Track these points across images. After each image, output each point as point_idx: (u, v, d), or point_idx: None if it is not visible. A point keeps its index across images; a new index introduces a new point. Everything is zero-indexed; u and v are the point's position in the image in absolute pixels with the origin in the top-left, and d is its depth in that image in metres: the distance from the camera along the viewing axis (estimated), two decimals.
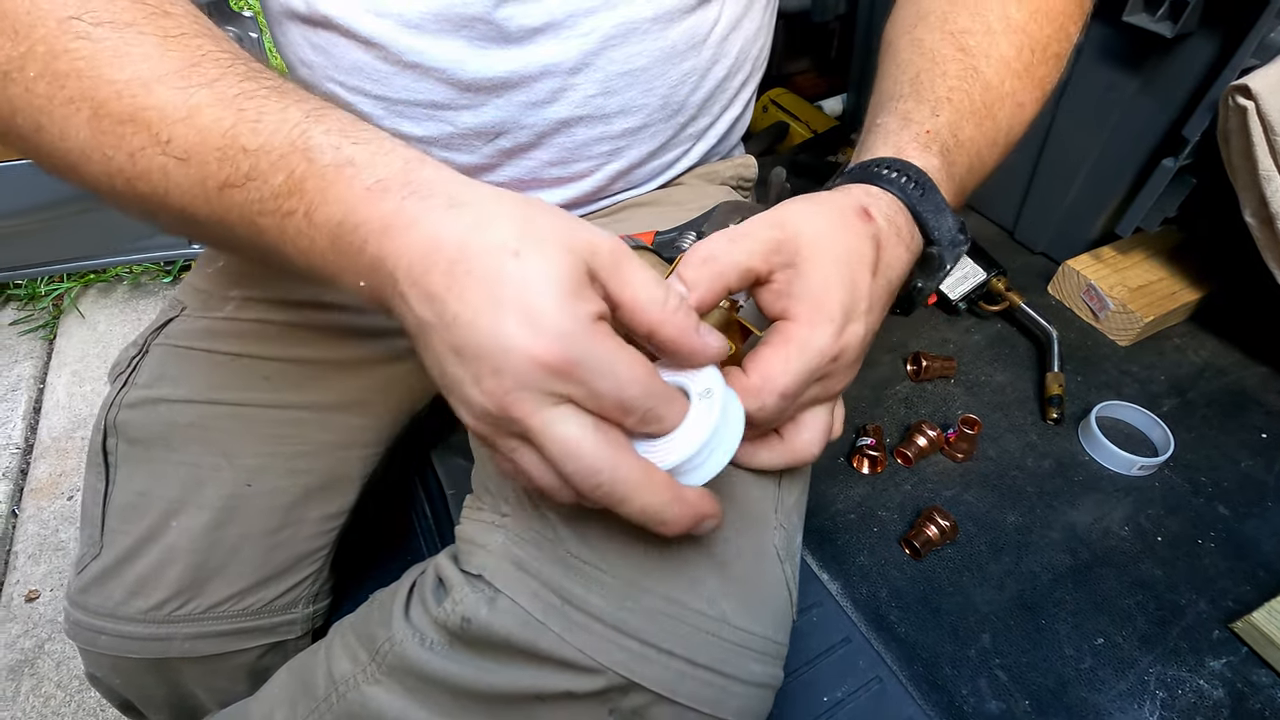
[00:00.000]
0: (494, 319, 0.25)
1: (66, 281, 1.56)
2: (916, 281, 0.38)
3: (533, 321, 0.25)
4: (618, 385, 0.26)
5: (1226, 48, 0.67)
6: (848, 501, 0.66)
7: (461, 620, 0.37)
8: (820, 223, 0.32)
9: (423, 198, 0.27)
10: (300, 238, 0.29)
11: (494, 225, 0.26)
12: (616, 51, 0.45)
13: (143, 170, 0.30)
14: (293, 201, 0.28)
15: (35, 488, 1.23)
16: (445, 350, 0.26)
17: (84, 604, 0.48)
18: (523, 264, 0.25)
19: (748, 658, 0.37)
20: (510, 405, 0.26)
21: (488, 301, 0.25)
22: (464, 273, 0.25)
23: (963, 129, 0.39)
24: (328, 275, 0.29)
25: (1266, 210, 0.65)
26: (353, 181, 0.27)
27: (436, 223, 0.26)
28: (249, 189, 0.29)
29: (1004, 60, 0.40)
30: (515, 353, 0.25)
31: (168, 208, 0.31)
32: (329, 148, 0.28)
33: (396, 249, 0.26)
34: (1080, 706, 0.53)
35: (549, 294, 0.25)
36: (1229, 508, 0.65)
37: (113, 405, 0.51)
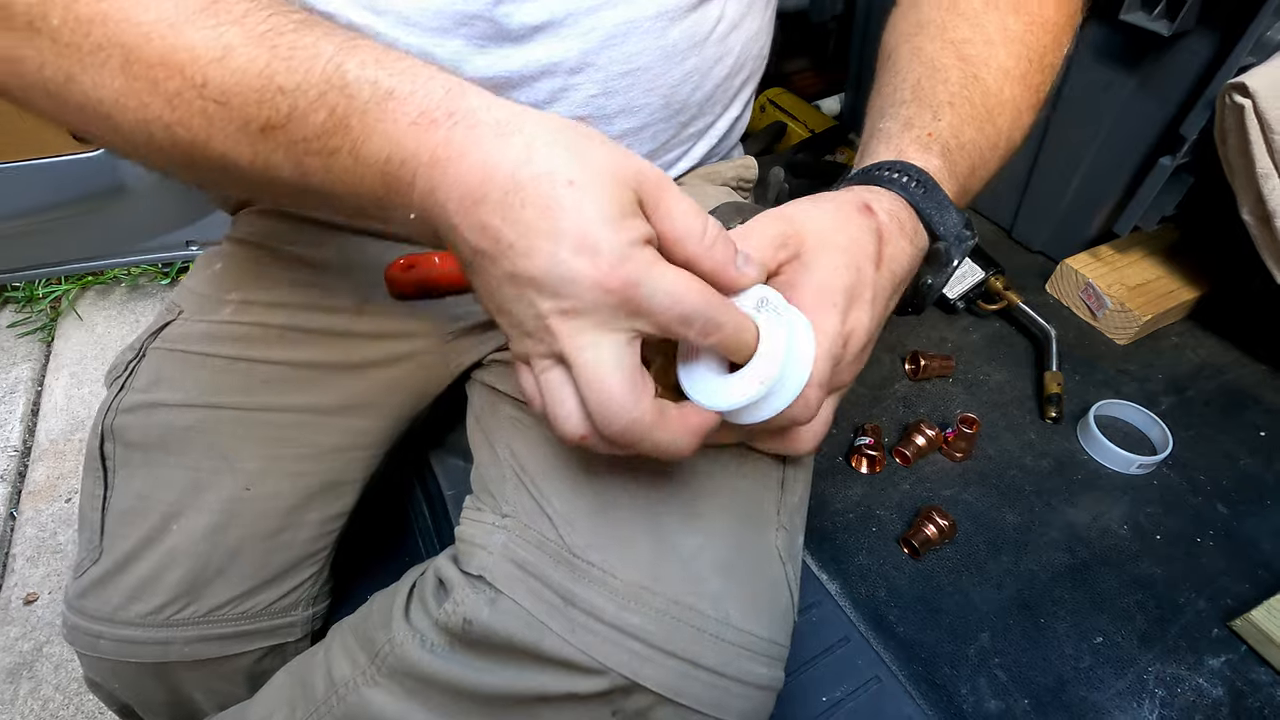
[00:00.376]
0: (552, 248, 0.26)
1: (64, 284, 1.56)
2: (926, 278, 0.38)
3: (590, 248, 0.25)
4: (675, 299, 0.26)
5: (1224, 46, 0.67)
6: (846, 501, 0.66)
7: (463, 621, 0.37)
8: (823, 218, 0.33)
9: (469, 127, 0.27)
10: (348, 175, 0.29)
11: (544, 154, 0.26)
12: (617, 50, 0.45)
13: (182, 116, 0.29)
14: (337, 139, 0.28)
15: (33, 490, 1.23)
16: (501, 277, 0.27)
17: (83, 608, 0.48)
18: (576, 193, 0.26)
19: (750, 660, 0.37)
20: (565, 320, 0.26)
21: (544, 231, 0.26)
22: (518, 204, 0.26)
23: (964, 132, 0.39)
24: (378, 211, 0.30)
25: (1264, 208, 0.65)
26: (396, 116, 0.27)
27: (486, 152, 0.26)
28: (290, 129, 0.28)
29: (1003, 69, 0.41)
30: (577, 280, 0.25)
31: (209, 155, 0.30)
32: (366, 82, 0.28)
33: (447, 181, 0.27)
34: (1079, 705, 0.53)
35: (603, 222, 0.26)
36: (1228, 506, 0.65)
37: (110, 410, 0.50)
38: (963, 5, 0.43)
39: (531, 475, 0.42)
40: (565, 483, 0.40)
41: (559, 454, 0.42)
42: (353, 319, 0.53)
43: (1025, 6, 0.43)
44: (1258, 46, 0.64)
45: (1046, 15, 0.43)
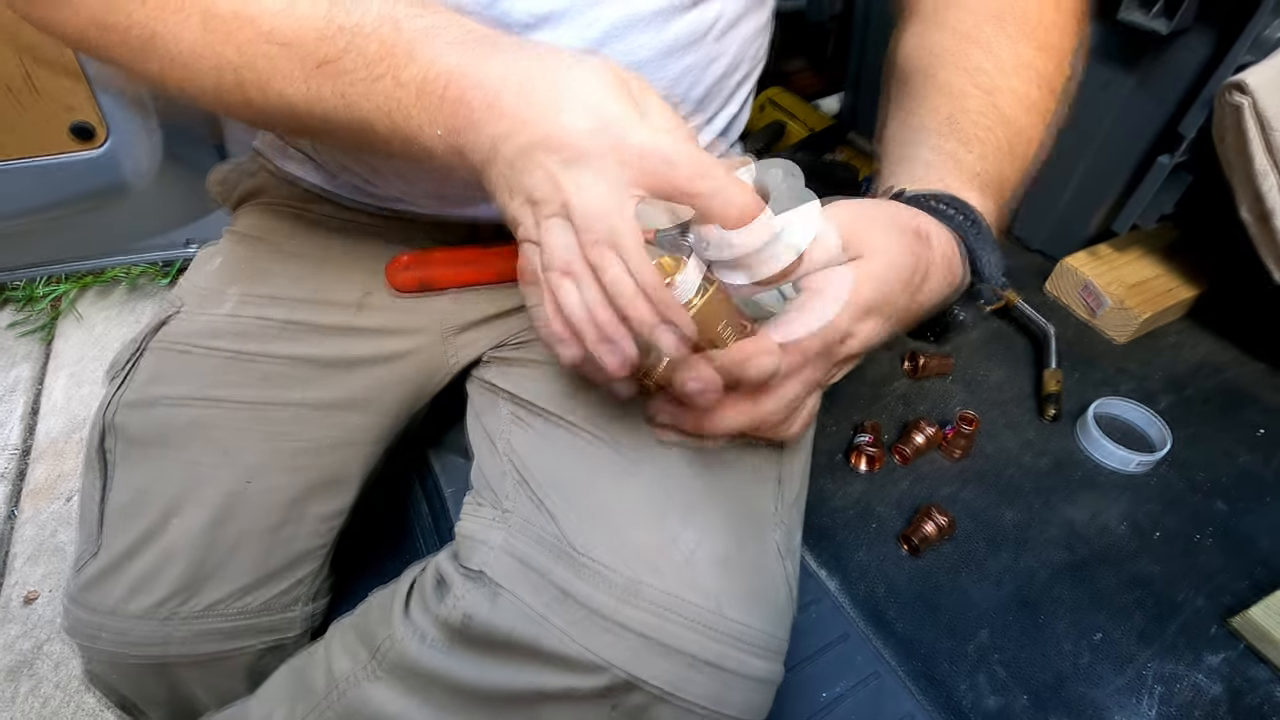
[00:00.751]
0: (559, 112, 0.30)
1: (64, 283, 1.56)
2: (958, 313, 0.39)
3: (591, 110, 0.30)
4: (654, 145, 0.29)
5: (1222, 44, 0.67)
6: (846, 499, 0.66)
7: (463, 617, 0.37)
8: (886, 233, 0.34)
9: (494, 43, 0.32)
10: (388, 100, 0.33)
11: (554, 54, 0.32)
12: (618, 45, 0.45)
13: (249, 59, 0.34)
14: (382, 67, 0.32)
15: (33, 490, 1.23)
16: (515, 152, 0.30)
17: (83, 602, 0.48)
18: (577, 74, 0.31)
19: (749, 654, 0.37)
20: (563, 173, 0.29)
21: (553, 101, 0.30)
22: (531, 88, 0.30)
23: (999, 169, 0.41)
24: (410, 131, 0.33)
25: (1262, 206, 0.65)
26: (434, 39, 0.32)
27: (507, 58, 0.31)
28: (344, 62, 0.33)
29: (1019, 96, 0.43)
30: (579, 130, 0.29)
31: (267, 93, 0.34)
32: (414, 15, 0.32)
33: (473, 83, 0.31)
34: (1078, 702, 0.53)
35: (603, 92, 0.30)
36: (1226, 504, 0.66)
37: (110, 405, 0.51)
38: (974, 33, 0.44)
39: (531, 472, 0.42)
40: (565, 479, 0.40)
41: (559, 450, 0.42)
42: (353, 315, 0.53)
43: (1035, 34, 0.44)
44: (1256, 44, 0.64)
45: (1054, 41, 0.44)
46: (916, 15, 0.49)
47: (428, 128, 0.33)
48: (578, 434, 0.42)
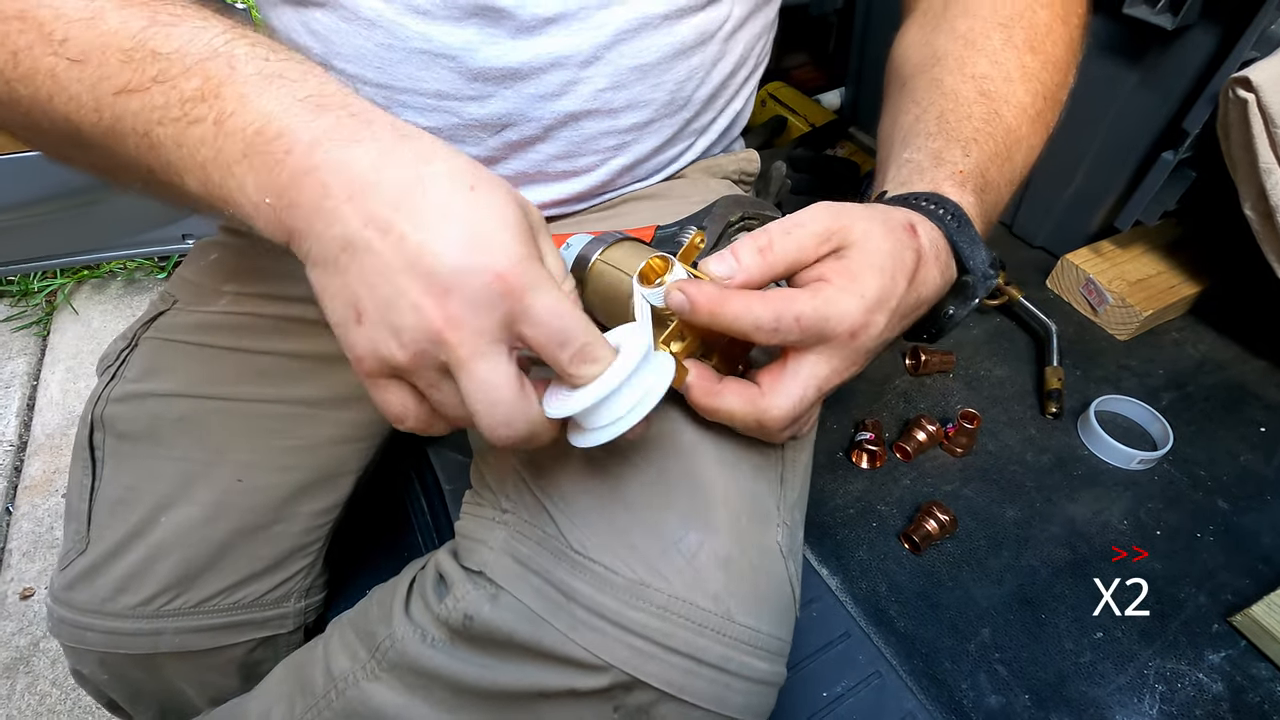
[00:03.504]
0: (450, 242, 0.25)
1: (59, 278, 1.55)
2: (949, 308, 0.39)
3: (490, 248, 0.25)
4: (559, 315, 0.27)
5: (1227, 40, 0.67)
6: (847, 496, 0.66)
7: (464, 617, 0.36)
8: (872, 225, 0.33)
9: (366, 122, 0.27)
10: (203, 147, 0.27)
11: (446, 161, 0.26)
12: (628, 46, 0.45)
13: (26, 72, 0.28)
14: (202, 109, 0.26)
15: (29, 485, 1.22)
16: (380, 272, 0.25)
17: (69, 600, 0.47)
18: (478, 198, 0.26)
19: (752, 655, 0.36)
20: (453, 329, 0.25)
21: (444, 226, 0.25)
22: (419, 196, 0.25)
23: (989, 170, 0.40)
24: (224, 192, 0.27)
25: (1266, 203, 0.64)
26: (282, 92, 0.26)
27: (385, 147, 0.26)
28: (152, 94, 0.27)
29: (1021, 106, 0.42)
30: (473, 271, 0.25)
31: (50, 116, 0.28)
32: (256, 59, 0.27)
33: (334, 163, 0.25)
34: (1080, 700, 0.53)
35: (505, 228, 0.26)
36: (1228, 501, 0.65)
37: (100, 399, 0.50)
38: (981, 41, 0.44)
39: (531, 471, 0.42)
40: (566, 479, 0.40)
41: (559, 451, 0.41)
42: None
43: (1040, 46, 0.44)
44: (1261, 40, 0.63)
45: (1058, 54, 0.44)
46: (922, 16, 0.49)
47: (250, 191, 0.26)
48: None
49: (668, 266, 0.33)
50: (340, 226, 0.25)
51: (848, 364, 0.33)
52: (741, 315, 0.31)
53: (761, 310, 0.31)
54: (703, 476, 0.39)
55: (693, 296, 0.31)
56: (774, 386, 0.33)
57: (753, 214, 0.46)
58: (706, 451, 0.40)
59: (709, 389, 0.34)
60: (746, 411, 0.34)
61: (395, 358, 0.26)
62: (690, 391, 0.34)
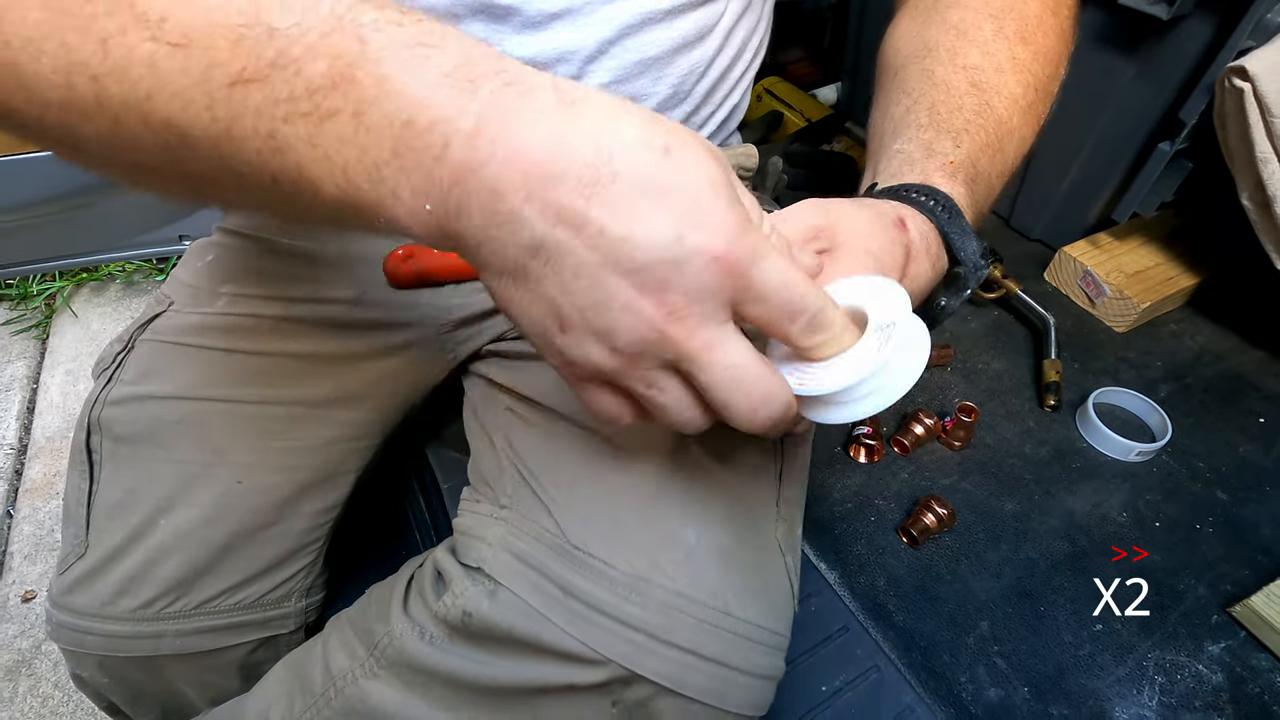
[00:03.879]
0: (656, 227, 0.21)
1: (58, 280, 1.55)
2: (941, 300, 0.38)
3: (701, 225, 0.22)
4: (787, 285, 0.24)
5: (1223, 29, 0.66)
6: (845, 491, 0.66)
7: (462, 614, 0.36)
8: (860, 220, 0.32)
9: (524, 90, 0.22)
10: (344, 148, 0.22)
11: (626, 123, 0.22)
12: (631, 40, 0.45)
13: (118, 63, 0.22)
14: (335, 98, 0.21)
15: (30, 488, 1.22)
16: (581, 274, 0.22)
17: (69, 605, 0.47)
18: (676, 163, 0.22)
19: (751, 649, 0.36)
20: (676, 322, 0.22)
21: (645, 208, 0.21)
22: (608, 178, 0.21)
23: (980, 161, 0.40)
24: (375, 199, 0.23)
25: (1263, 193, 0.64)
26: (427, 67, 0.21)
27: (554, 122, 0.22)
28: (273, 83, 0.21)
29: (1013, 98, 0.42)
30: (690, 259, 0.22)
31: (149, 121, 0.23)
32: (389, 24, 0.22)
33: (503, 156, 0.21)
34: (1079, 692, 0.53)
35: (715, 195, 0.22)
36: (1227, 492, 0.65)
37: (96, 402, 0.50)
38: (972, 32, 0.43)
39: (530, 467, 0.42)
40: (564, 474, 0.40)
41: (557, 446, 0.41)
42: (348, 310, 0.53)
43: (1031, 37, 0.44)
44: (1257, 29, 0.63)
45: (1049, 45, 0.44)
46: (913, 8, 0.49)
47: (409, 198, 0.22)
48: (577, 430, 0.41)
49: None
50: (526, 231, 0.22)
51: None
52: None
53: None
54: (701, 471, 0.39)
55: None
56: None
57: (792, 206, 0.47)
58: (705, 447, 0.40)
59: None
60: None
61: (608, 364, 0.24)
62: None
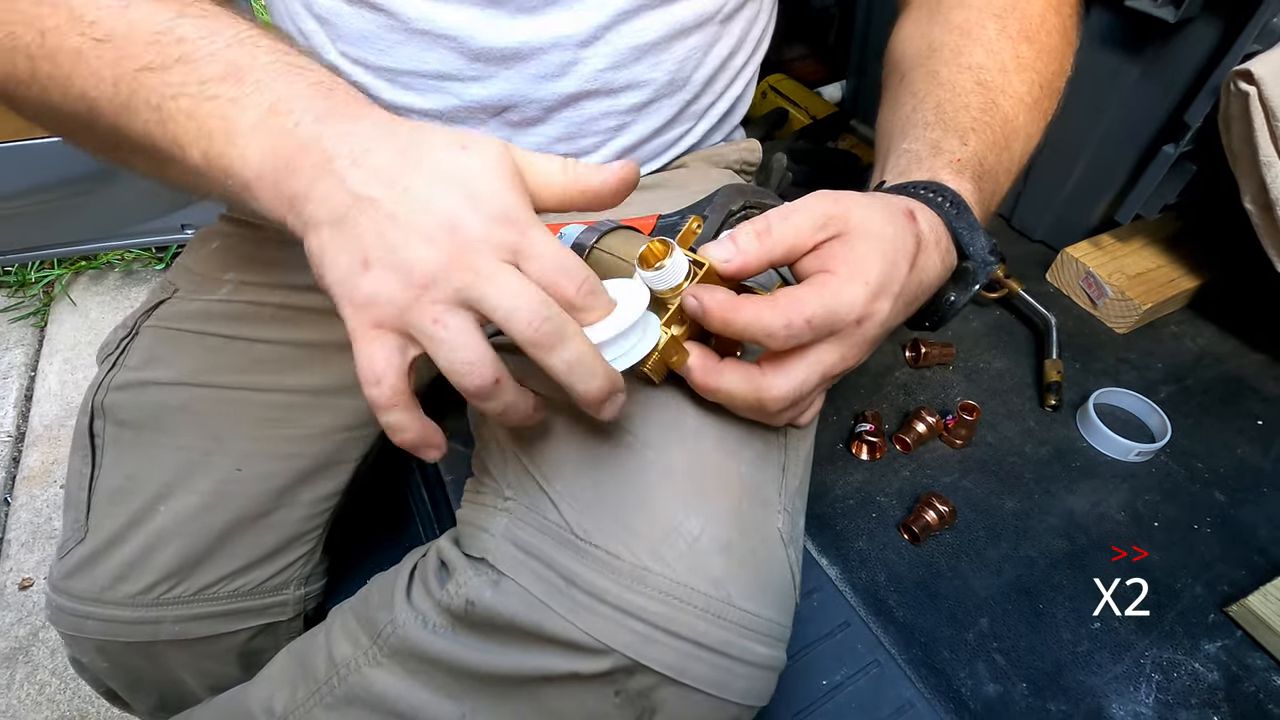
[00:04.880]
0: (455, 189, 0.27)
1: (57, 268, 1.54)
2: (950, 295, 0.38)
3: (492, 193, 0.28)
4: (558, 250, 0.28)
5: (1229, 33, 0.67)
6: (847, 487, 0.66)
7: (466, 603, 0.36)
8: (871, 211, 0.33)
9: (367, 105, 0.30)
10: (212, 119, 0.29)
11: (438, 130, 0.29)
12: (627, 25, 0.45)
13: (51, 49, 0.30)
14: (222, 88, 0.29)
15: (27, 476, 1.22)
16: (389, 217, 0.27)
17: (68, 589, 0.47)
18: (471, 156, 0.28)
19: (753, 640, 0.37)
20: (468, 252, 0.27)
21: (446, 178, 0.27)
22: (418, 156, 0.28)
23: (987, 158, 0.40)
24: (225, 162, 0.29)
25: (1266, 197, 0.64)
26: (297, 78, 0.29)
27: (384, 121, 0.29)
28: (173, 71, 0.29)
29: (1018, 96, 0.42)
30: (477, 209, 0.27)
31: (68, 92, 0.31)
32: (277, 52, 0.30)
33: (338, 132, 0.28)
34: (1077, 689, 0.54)
35: (500, 179, 0.28)
36: (1225, 493, 0.66)
37: (100, 387, 0.50)
38: (976, 31, 0.44)
39: (533, 457, 0.42)
40: (567, 465, 0.40)
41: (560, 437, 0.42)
42: None
43: (1035, 36, 0.44)
44: (1263, 33, 0.63)
45: (1053, 43, 0.45)
46: (917, 9, 0.49)
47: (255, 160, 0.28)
48: (580, 421, 0.41)
49: (668, 250, 0.33)
50: (347, 185, 0.27)
51: (853, 351, 0.33)
52: (752, 324, 0.31)
53: (772, 319, 0.31)
54: (705, 462, 0.39)
55: (705, 303, 0.31)
56: (775, 368, 0.33)
57: (754, 203, 0.46)
58: (709, 438, 0.40)
59: (710, 368, 0.34)
60: (746, 391, 0.34)
61: (402, 297, 0.27)
62: (691, 372, 0.34)
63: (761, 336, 0.31)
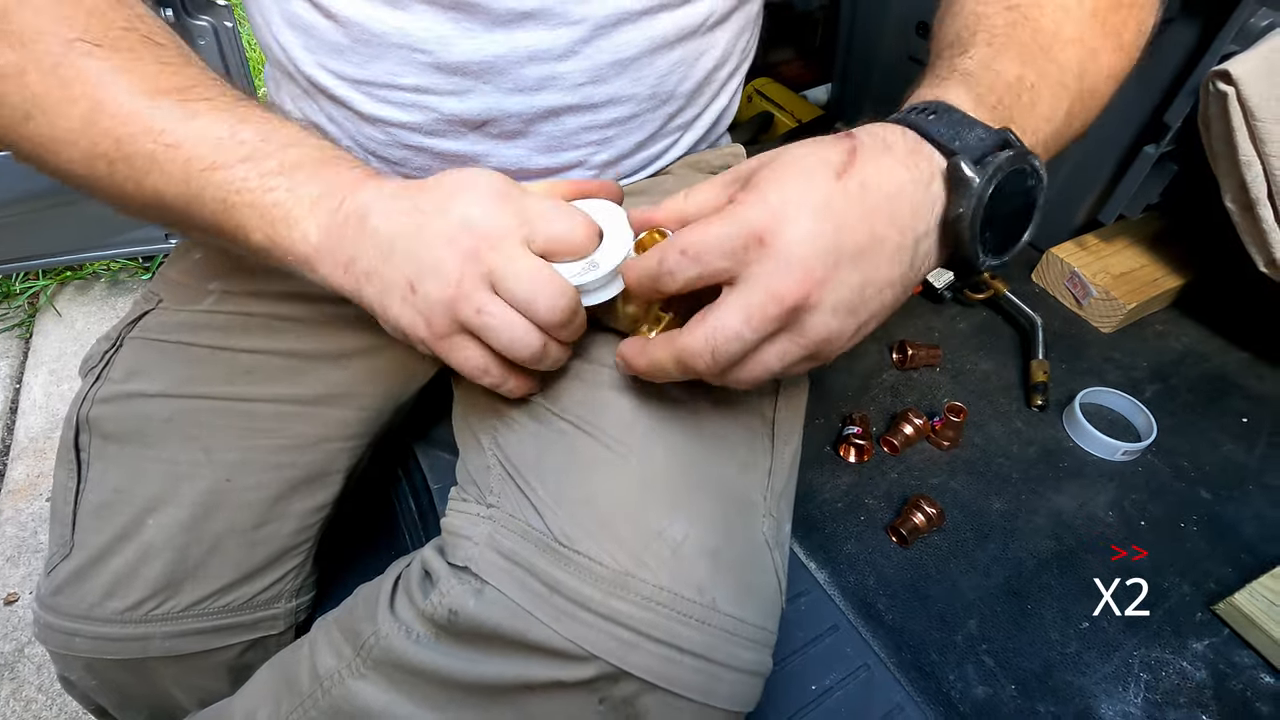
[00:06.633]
0: (464, 210, 0.33)
1: (42, 279, 1.53)
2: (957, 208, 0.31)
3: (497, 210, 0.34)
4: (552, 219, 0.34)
5: (1207, 33, 0.67)
6: (835, 490, 0.66)
7: (449, 612, 0.36)
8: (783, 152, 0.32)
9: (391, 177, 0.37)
10: (275, 207, 0.34)
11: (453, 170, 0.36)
12: (606, 40, 0.44)
13: (128, 153, 0.34)
14: (279, 180, 0.34)
15: (13, 489, 1.21)
16: (419, 245, 0.33)
17: (56, 606, 0.47)
18: (476, 175, 0.35)
19: (738, 645, 0.36)
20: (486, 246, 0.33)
21: (455, 204, 0.34)
22: (435, 183, 0.35)
23: (1000, 64, 0.36)
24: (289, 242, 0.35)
25: (1247, 196, 0.65)
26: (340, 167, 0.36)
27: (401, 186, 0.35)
28: (236, 170, 0.34)
29: (1060, 7, 0.38)
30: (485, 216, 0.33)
31: (142, 188, 0.35)
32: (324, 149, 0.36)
33: (369, 194, 0.34)
34: (1066, 690, 0.54)
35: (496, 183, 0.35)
36: (1210, 491, 0.66)
37: (85, 400, 0.49)
38: None
39: (516, 465, 0.41)
40: (550, 472, 0.40)
41: (543, 444, 0.41)
42: (336, 307, 0.52)
43: None
44: (1241, 34, 0.64)
45: None
46: None
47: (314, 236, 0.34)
48: (563, 427, 0.41)
49: (664, 239, 0.36)
50: (379, 230, 0.34)
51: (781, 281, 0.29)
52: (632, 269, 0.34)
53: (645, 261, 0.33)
54: (689, 468, 0.39)
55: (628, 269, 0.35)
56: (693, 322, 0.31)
57: None
58: (693, 443, 0.40)
59: (638, 348, 0.35)
60: (667, 353, 0.32)
61: (445, 296, 0.33)
62: (623, 357, 0.36)
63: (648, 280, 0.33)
